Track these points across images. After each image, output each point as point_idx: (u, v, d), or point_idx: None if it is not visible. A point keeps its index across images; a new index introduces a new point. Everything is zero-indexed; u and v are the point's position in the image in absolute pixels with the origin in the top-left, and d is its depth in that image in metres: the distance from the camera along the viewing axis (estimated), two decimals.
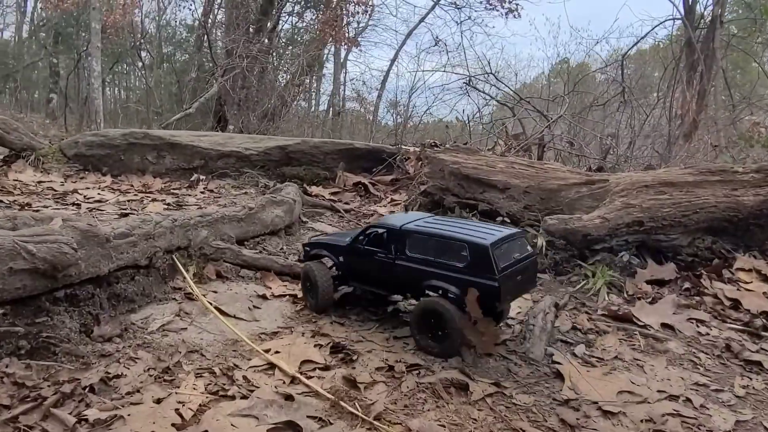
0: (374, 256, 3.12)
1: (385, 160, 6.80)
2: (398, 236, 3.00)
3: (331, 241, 3.53)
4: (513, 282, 2.78)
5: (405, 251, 2.97)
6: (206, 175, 6.56)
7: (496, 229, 2.98)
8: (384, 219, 3.41)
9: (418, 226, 3.00)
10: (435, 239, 2.87)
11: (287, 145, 6.70)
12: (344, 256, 3.33)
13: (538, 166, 5.16)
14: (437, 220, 3.19)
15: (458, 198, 5.37)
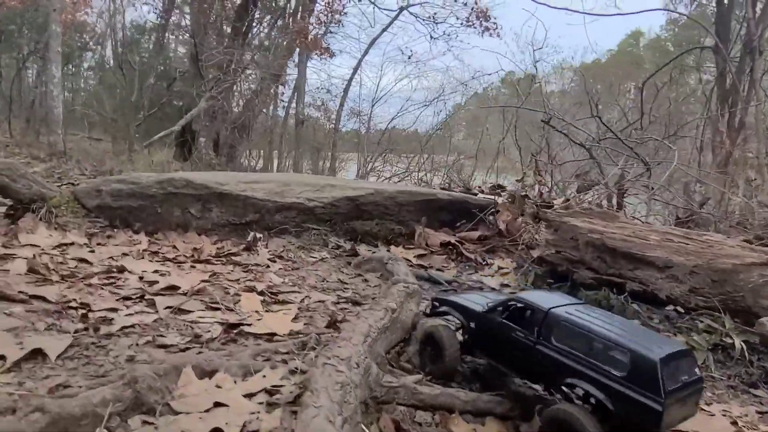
0: (512, 333, 2.82)
1: (469, 212, 5.85)
2: (544, 319, 2.69)
3: (465, 302, 3.23)
4: (676, 408, 2.35)
5: (550, 338, 2.64)
6: (262, 231, 5.42)
7: (662, 340, 2.66)
8: (527, 295, 3.00)
9: (570, 314, 2.65)
10: (589, 334, 2.50)
11: (358, 196, 5.65)
12: (476, 323, 3.07)
13: (696, 237, 4.35)
14: (590, 312, 2.76)
15: (596, 273, 4.50)
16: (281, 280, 4.24)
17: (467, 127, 24.13)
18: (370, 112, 18.69)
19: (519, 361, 2.82)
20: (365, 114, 19.08)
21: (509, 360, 2.88)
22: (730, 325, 3.86)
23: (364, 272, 4.59)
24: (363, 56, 20.15)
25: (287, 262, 4.87)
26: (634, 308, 4.23)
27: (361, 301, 3.81)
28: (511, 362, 2.88)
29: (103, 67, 24.36)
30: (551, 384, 2.66)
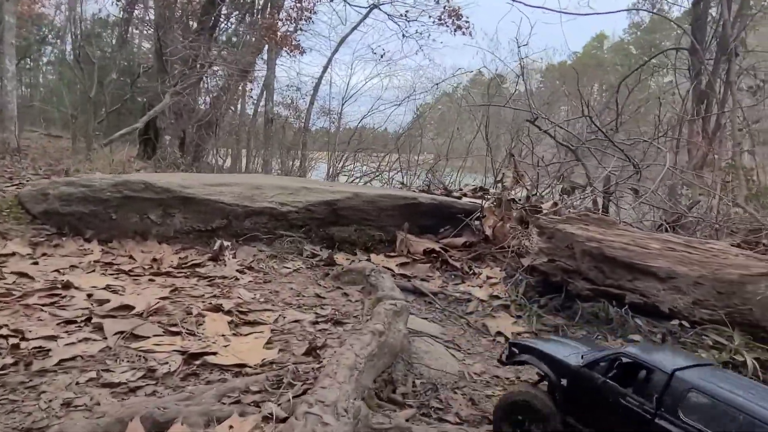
0: (620, 398, 2.16)
1: (453, 217, 5.49)
2: (668, 384, 2.04)
3: (553, 351, 2.51)
4: None
5: (676, 410, 1.98)
6: (230, 239, 4.96)
7: None
8: (642, 350, 2.31)
9: (704, 381, 1.99)
10: (737, 413, 1.82)
11: (335, 200, 5.23)
12: (570, 381, 2.36)
13: (699, 246, 4.08)
14: (729, 378, 2.11)
15: (593, 284, 4.19)
16: (251, 296, 3.79)
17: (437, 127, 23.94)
18: (340, 111, 18.26)
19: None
20: (335, 112, 18.64)
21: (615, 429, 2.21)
22: (740, 341, 3.59)
23: (343, 285, 4.18)
24: (333, 54, 19.72)
25: (258, 273, 4.42)
26: (635, 322, 3.93)
27: (343, 321, 3.40)
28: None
29: (63, 62, 23.28)
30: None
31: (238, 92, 18.98)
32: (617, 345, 3.85)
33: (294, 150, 19.41)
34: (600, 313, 4.12)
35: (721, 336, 3.73)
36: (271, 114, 21.40)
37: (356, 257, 5.06)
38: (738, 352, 3.53)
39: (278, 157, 18.78)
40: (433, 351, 3.64)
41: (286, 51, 20.01)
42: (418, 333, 3.87)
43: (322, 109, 20.20)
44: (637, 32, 42.31)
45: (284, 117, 22.26)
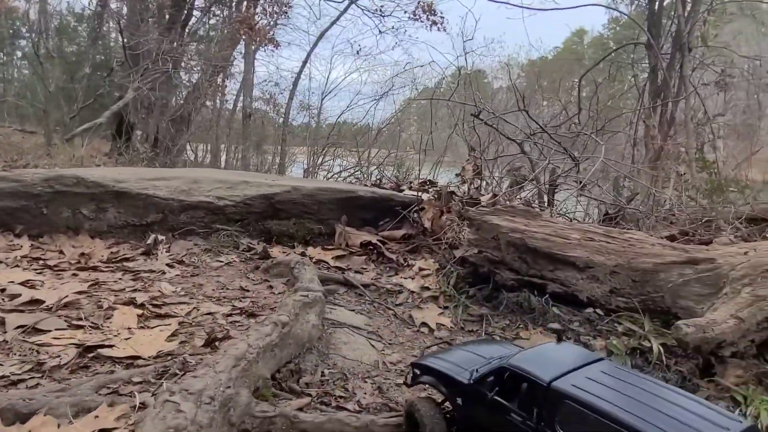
0: (506, 414, 2.04)
1: (394, 210, 5.54)
2: (545, 397, 1.92)
3: (449, 369, 2.36)
4: None
5: (553, 423, 1.87)
6: (166, 233, 4.95)
7: (713, 414, 1.75)
8: (526, 358, 2.17)
9: (580, 389, 1.86)
10: (604, 420, 1.73)
11: (273, 193, 5.24)
12: (464, 400, 2.26)
13: (618, 236, 4.19)
14: (615, 378, 1.96)
15: (518, 275, 4.28)
16: (173, 289, 3.80)
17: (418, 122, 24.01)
18: (319, 106, 18.18)
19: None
20: (315, 107, 18.56)
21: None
22: (649, 328, 3.70)
23: (271, 278, 4.21)
24: (312, 49, 19.63)
25: (188, 267, 4.42)
26: (555, 311, 4.02)
27: (257, 313, 3.43)
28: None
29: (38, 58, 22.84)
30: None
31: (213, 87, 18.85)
32: (537, 334, 3.95)
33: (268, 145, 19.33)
34: (523, 302, 4.20)
35: (634, 323, 3.83)
36: (249, 109, 21.30)
37: (293, 250, 5.08)
38: (646, 338, 3.64)
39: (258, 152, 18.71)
40: (352, 342, 3.69)
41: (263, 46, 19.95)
42: (341, 324, 3.91)
43: (302, 104, 20.14)
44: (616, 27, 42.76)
45: (263, 112, 22.17)
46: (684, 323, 3.27)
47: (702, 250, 4.05)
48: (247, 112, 20.71)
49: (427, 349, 3.36)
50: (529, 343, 3.79)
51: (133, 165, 12.17)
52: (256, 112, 21.47)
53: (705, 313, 3.66)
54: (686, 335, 3.23)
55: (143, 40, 14.50)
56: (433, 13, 19.08)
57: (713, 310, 3.56)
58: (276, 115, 21.61)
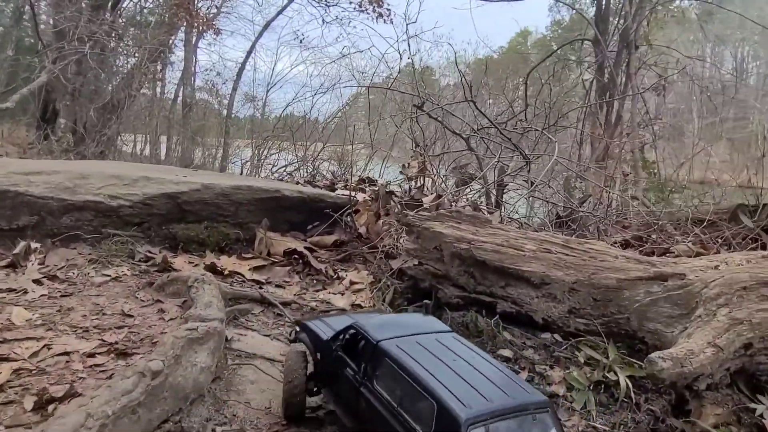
0: (345, 368, 2.26)
1: (324, 212, 4.82)
2: (372, 353, 2.13)
3: (319, 328, 2.64)
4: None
5: (373, 378, 2.08)
6: (43, 240, 4.05)
7: (503, 389, 1.87)
8: (373, 321, 2.37)
9: (397, 348, 2.06)
10: (406, 377, 1.93)
11: (180, 192, 4.41)
12: (321, 355, 2.53)
13: (577, 246, 3.64)
14: (437, 345, 2.12)
15: (464, 291, 3.67)
16: (29, 316, 2.94)
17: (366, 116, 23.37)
18: (264, 98, 17.27)
19: (348, 405, 2.24)
20: (260, 99, 17.63)
21: (342, 402, 2.32)
22: (614, 356, 3.17)
23: (165, 297, 3.41)
24: (257, 39, 18.67)
25: (61, 284, 3.55)
26: (505, 337, 3.43)
27: (133, 350, 2.65)
28: (343, 405, 2.31)
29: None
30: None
31: (150, 74, 17.54)
32: None
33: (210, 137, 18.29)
34: (470, 324, 3.59)
35: (596, 350, 3.30)
36: (190, 99, 20.04)
37: (203, 260, 4.28)
38: (611, 369, 3.11)
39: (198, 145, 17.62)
40: (261, 380, 2.97)
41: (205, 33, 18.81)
42: (250, 356, 3.19)
43: (246, 95, 19.25)
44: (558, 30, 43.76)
45: (205, 102, 21.06)
46: (659, 356, 2.73)
47: (669, 263, 3.57)
48: (188, 102, 19.54)
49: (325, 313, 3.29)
50: None
51: (52, 156, 10.93)
52: (197, 103, 20.41)
53: (677, 338, 3.16)
54: (662, 371, 2.69)
55: (58, 18, 13.10)
56: (380, 4, 18.45)
57: (687, 335, 3.06)
58: (219, 107, 20.67)
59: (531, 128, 5.82)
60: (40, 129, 13.46)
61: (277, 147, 14.08)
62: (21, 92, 12.80)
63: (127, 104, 16.16)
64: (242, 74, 19.35)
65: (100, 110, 15.15)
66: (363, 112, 22.16)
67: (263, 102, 18.42)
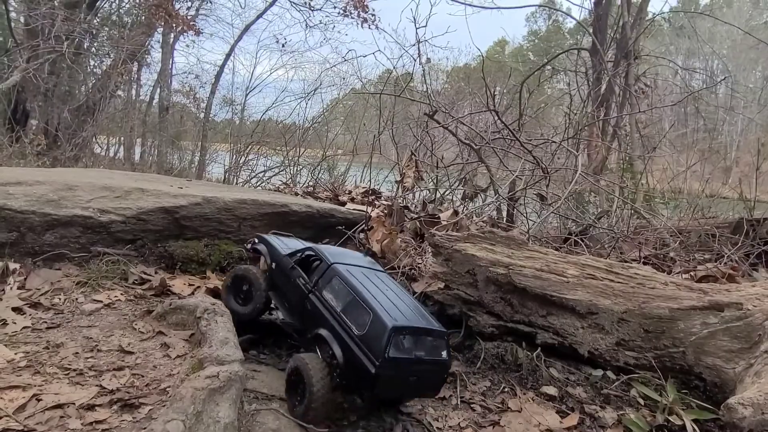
0: (297, 278, 2.93)
1: (334, 228, 4.45)
2: (324, 271, 2.81)
3: (277, 244, 3.27)
4: (400, 379, 2.47)
5: (322, 289, 2.76)
6: (23, 259, 3.59)
7: (416, 313, 2.63)
8: (326, 248, 3.09)
9: (347, 272, 2.75)
10: (351, 292, 2.62)
11: (178, 206, 3.99)
12: (277, 264, 3.14)
13: (621, 271, 3.35)
14: (375, 276, 2.86)
15: (500, 320, 3.34)
16: (11, 356, 2.51)
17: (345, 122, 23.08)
18: (243, 102, 16.85)
19: (294, 305, 2.92)
20: (239, 103, 17.21)
21: (289, 303, 2.98)
22: (674, 396, 2.87)
23: (167, 328, 2.99)
24: (236, 42, 18.29)
25: (47, 312, 3.11)
26: (550, 372, 3.11)
27: (139, 400, 2.23)
28: (290, 305, 2.98)
29: None
30: (307, 330, 2.75)
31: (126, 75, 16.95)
32: (529, 402, 3.02)
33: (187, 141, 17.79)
34: (506, 356, 3.27)
35: (650, 387, 3.00)
36: (166, 101, 19.49)
37: (204, 282, 3.88)
38: (672, 412, 2.81)
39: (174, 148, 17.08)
40: (282, 428, 2.58)
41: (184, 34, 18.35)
42: (267, 398, 2.80)
43: (225, 99, 18.87)
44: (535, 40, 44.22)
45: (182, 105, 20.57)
46: (738, 402, 2.44)
47: (722, 291, 3.30)
48: (165, 105, 19.01)
49: None
50: (523, 418, 2.87)
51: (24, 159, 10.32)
52: (174, 106, 19.92)
53: (740, 375, 2.89)
54: (743, 418, 2.40)
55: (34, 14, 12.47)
56: (365, 9, 18.19)
57: (755, 374, 2.78)
58: (196, 110, 20.22)
59: (550, 140, 5.56)
60: (11, 131, 12.80)
61: (256, 151, 13.70)
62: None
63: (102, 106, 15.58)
64: (221, 77, 18.94)
65: (74, 112, 14.55)
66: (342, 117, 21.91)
67: (242, 106, 18.03)
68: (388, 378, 2.37)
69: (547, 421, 2.84)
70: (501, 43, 44.20)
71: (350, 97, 20.12)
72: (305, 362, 2.48)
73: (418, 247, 4.18)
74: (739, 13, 41.63)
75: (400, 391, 2.66)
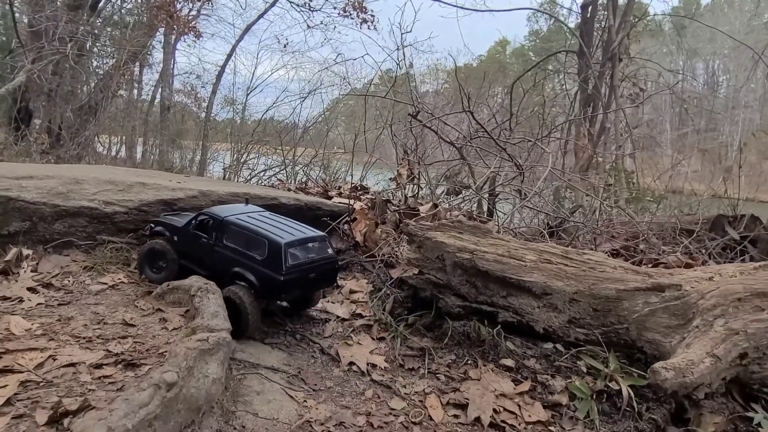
0: (200, 240, 3.60)
1: (321, 220, 4.81)
2: (219, 225, 3.53)
3: (172, 221, 3.91)
4: (302, 279, 3.35)
5: (223, 240, 3.49)
6: (35, 246, 3.96)
7: (300, 230, 3.52)
8: (214, 209, 3.75)
9: (238, 219, 3.51)
10: (245, 232, 3.41)
11: (176, 199, 4.36)
12: (178, 236, 3.76)
13: (576, 257, 3.70)
14: (261, 216, 3.67)
15: (465, 301, 3.69)
16: (28, 326, 2.88)
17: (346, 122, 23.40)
18: (244, 101, 17.14)
19: (206, 262, 3.58)
20: (239, 103, 17.50)
21: (200, 262, 3.62)
22: (615, 366, 3.23)
23: (165, 306, 3.35)
24: (237, 42, 18.54)
25: (57, 292, 3.48)
26: (507, 346, 3.47)
27: (140, 361, 2.60)
28: (201, 263, 3.61)
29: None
30: (225, 273, 3.42)
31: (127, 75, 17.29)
32: (489, 372, 3.37)
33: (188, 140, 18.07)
34: (471, 333, 3.63)
35: (596, 359, 3.36)
36: (168, 101, 19.76)
37: None
38: (612, 379, 3.17)
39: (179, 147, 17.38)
40: (267, 390, 2.95)
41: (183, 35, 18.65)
42: (254, 366, 3.17)
43: (226, 99, 19.13)
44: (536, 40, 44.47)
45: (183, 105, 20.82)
46: (662, 366, 2.80)
47: (665, 274, 3.65)
48: (166, 105, 19.28)
49: None
50: (481, 385, 3.23)
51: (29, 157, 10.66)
52: (175, 105, 20.18)
53: (675, 348, 3.24)
54: (665, 381, 2.76)
55: (38, 16, 12.82)
56: (363, 10, 18.52)
57: (686, 346, 3.14)
58: (197, 110, 20.49)
59: (524, 139, 5.90)
60: (18, 130, 13.16)
61: (256, 151, 14.00)
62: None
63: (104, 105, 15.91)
64: (222, 77, 19.23)
65: (77, 111, 14.87)
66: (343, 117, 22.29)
67: (243, 105, 18.31)
68: (293, 281, 3.23)
69: (502, 388, 3.20)
70: (502, 43, 44.39)
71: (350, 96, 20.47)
72: (235, 291, 3.26)
73: (398, 237, 4.53)
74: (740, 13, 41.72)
75: (306, 289, 3.52)
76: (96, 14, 16.15)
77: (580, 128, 11.11)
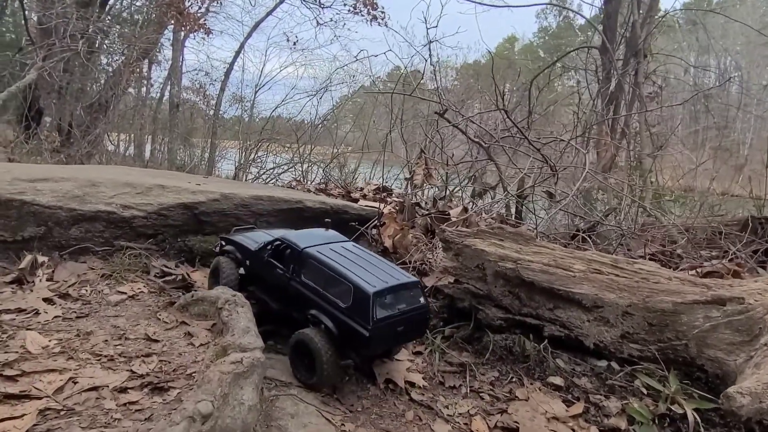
0: (275, 269, 3.20)
1: (347, 224, 4.58)
2: (298, 257, 3.08)
3: (244, 241, 3.56)
4: (390, 333, 2.79)
5: (301, 275, 3.04)
6: (50, 253, 3.76)
7: (391, 273, 2.94)
8: (293, 234, 3.31)
9: (319, 254, 3.03)
10: (328, 271, 2.91)
11: (197, 202, 4.15)
12: (250, 261, 3.43)
13: (626, 266, 3.45)
14: (344, 250, 3.14)
15: (508, 313, 3.45)
16: (45, 343, 2.66)
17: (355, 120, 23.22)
18: (253, 99, 17.01)
19: (279, 294, 3.17)
20: (248, 100, 17.36)
21: (272, 293, 3.25)
22: (676, 387, 2.97)
23: (190, 319, 3.14)
24: (246, 39, 18.41)
25: (75, 303, 3.27)
26: (557, 363, 3.22)
27: (168, 384, 2.38)
28: (273, 295, 3.24)
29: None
30: (299, 313, 3.01)
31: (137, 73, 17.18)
32: (536, 392, 3.13)
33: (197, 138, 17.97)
34: (514, 347, 3.39)
35: (653, 378, 3.11)
36: (177, 99, 19.65)
37: None
38: (674, 401, 2.92)
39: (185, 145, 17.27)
40: (300, 413, 2.72)
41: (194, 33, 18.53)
42: (287, 385, 2.94)
43: (234, 96, 19.01)
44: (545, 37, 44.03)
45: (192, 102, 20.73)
46: (737, 391, 2.55)
47: (724, 285, 3.39)
48: (175, 102, 19.17)
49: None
50: (530, 406, 2.99)
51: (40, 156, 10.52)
52: (184, 103, 20.08)
53: (741, 367, 2.98)
54: (741, 407, 2.50)
55: (48, 13, 12.68)
56: (374, 7, 18.30)
57: (755, 366, 2.88)
58: (206, 107, 20.39)
59: (558, 138, 5.65)
60: (28, 128, 13.05)
61: (265, 149, 13.83)
62: (9, 90, 12.34)
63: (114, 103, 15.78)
64: (231, 74, 19.09)
65: (87, 109, 14.75)
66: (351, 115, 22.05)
67: (251, 103, 18.17)
68: (380, 336, 2.71)
69: (553, 410, 2.95)
70: (510, 39, 44.00)
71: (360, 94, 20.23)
72: (311, 336, 2.79)
73: (429, 243, 4.30)
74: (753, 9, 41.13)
75: (392, 343, 3.02)
76: (106, 12, 16.02)
77: (602, 127, 10.82)
